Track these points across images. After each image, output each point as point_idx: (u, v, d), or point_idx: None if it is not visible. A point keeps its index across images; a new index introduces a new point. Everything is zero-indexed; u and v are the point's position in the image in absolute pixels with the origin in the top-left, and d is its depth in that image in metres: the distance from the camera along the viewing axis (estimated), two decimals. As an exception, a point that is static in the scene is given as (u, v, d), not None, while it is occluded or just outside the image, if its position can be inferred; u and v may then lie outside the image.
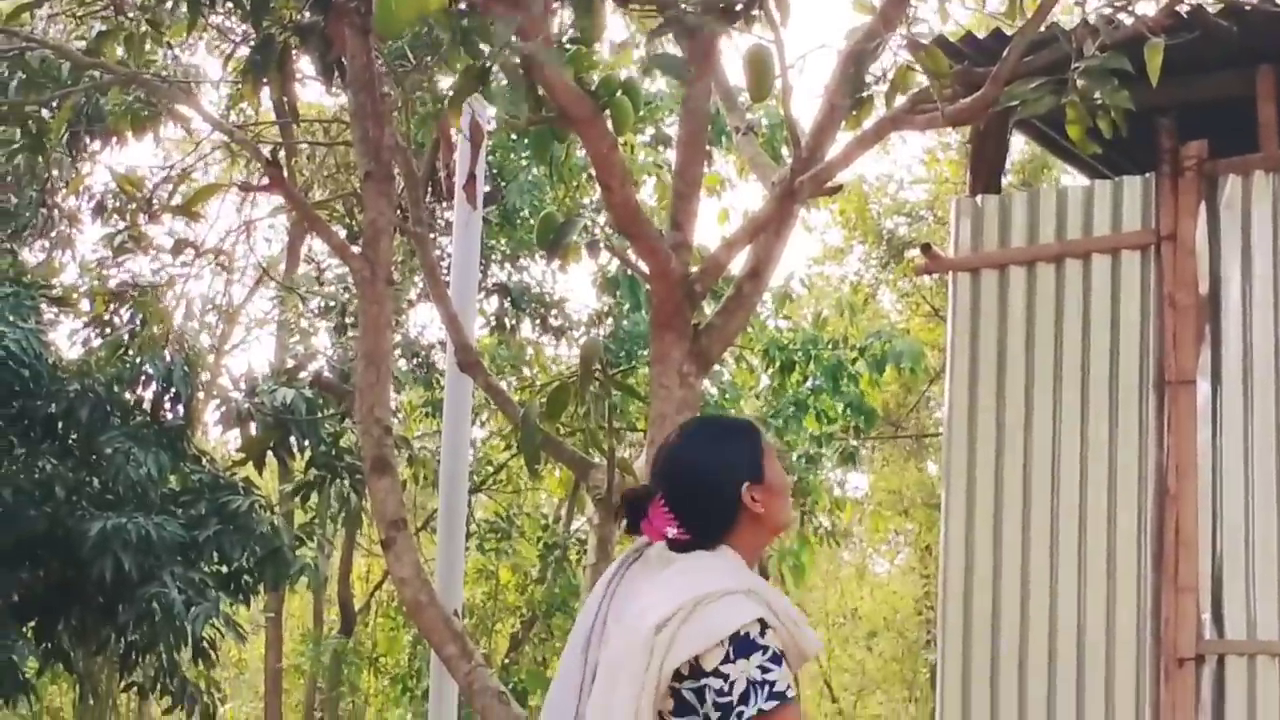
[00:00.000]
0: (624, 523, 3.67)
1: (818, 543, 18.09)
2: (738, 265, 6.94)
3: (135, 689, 14.03)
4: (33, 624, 13.05)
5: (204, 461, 13.67)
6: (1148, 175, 6.98)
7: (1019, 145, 17.72)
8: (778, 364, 16.22)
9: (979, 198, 7.29)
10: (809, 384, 16.24)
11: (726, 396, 16.54)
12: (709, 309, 7.75)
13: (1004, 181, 8.01)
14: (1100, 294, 6.85)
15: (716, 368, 14.49)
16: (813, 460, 16.58)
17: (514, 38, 5.50)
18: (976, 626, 6.60)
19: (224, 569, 13.32)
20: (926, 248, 7.58)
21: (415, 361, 16.71)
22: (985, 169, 7.68)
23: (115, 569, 11.97)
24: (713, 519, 3.55)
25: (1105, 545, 6.48)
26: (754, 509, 3.56)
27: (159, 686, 13.29)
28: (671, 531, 3.55)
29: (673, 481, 3.58)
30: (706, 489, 3.56)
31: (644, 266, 6.54)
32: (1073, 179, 11.19)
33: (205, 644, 13.17)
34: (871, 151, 7.06)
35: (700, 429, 3.83)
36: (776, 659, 3.38)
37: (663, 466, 3.64)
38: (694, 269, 6.58)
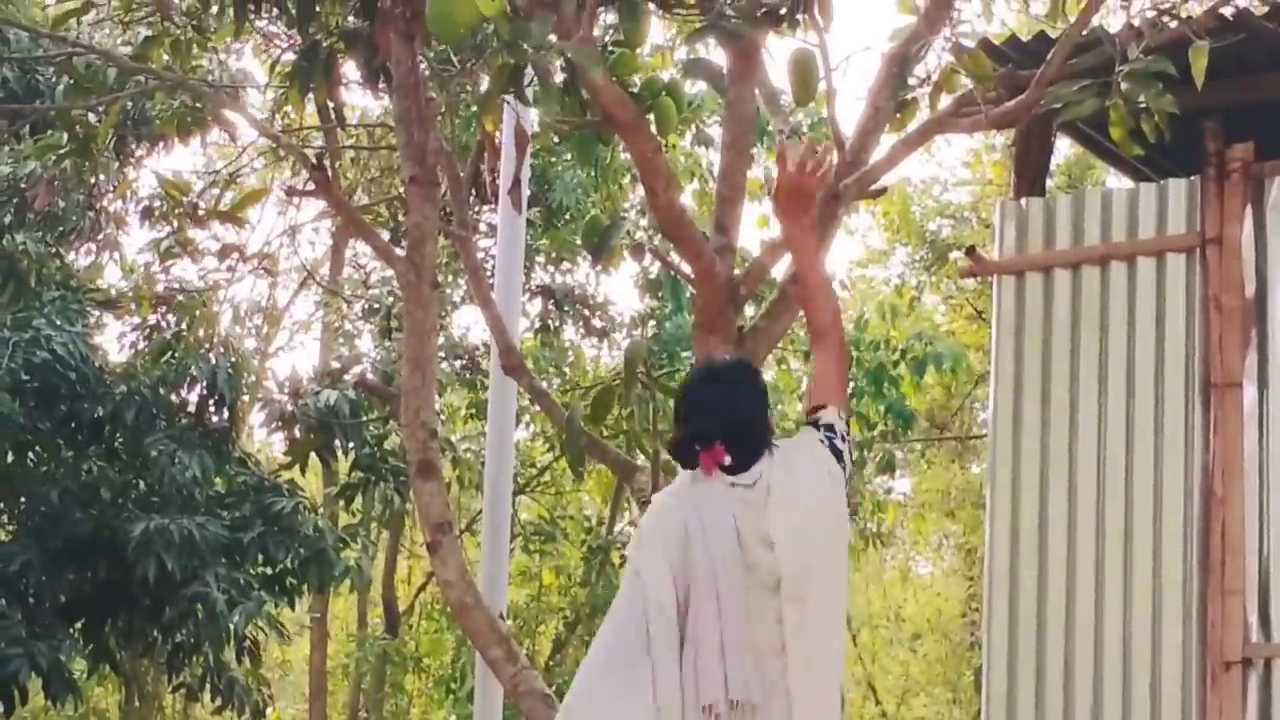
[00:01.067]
0: (680, 463, 4.55)
1: (861, 546, 18.08)
2: (781, 269, 6.94)
3: (183, 689, 14.09)
4: (80, 625, 13.14)
5: (249, 464, 13.74)
6: (1193, 178, 6.96)
7: (1063, 147, 17.67)
8: (819, 367, 16.19)
9: (1023, 200, 7.28)
10: (850, 387, 16.21)
11: (771, 398, 16.52)
12: (752, 312, 7.75)
13: (1048, 184, 7.99)
14: (1145, 297, 6.83)
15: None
16: (856, 465, 16.54)
17: (553, 37, 5.51)
18: (1022, 629, 6.59)
19: (269, 570, 13.39)
20: (971, 250, 7.57)
21: (459, 364, 16.75)
22: (1029, 171, 7.66)
23: (159, 570, 12.04)
24: (759, 447, 4.44)
25: (1151, 548, 6.46)
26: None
27: (207, 686, 13.36)
28: (727, 460, 4.37)
29: (730, 426, 4.42)
30: (760, 428, 4.51)
31: (688, 269, 6.55)
32: (1117, 181, 11.16)
33: (250, 644, 13.23)
34: (915, 154, 7.06)
35: (732, 374, 4.73)
36: None
37: (716, 413, 4.47)
38: (738, 272, 6.58)
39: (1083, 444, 6.77)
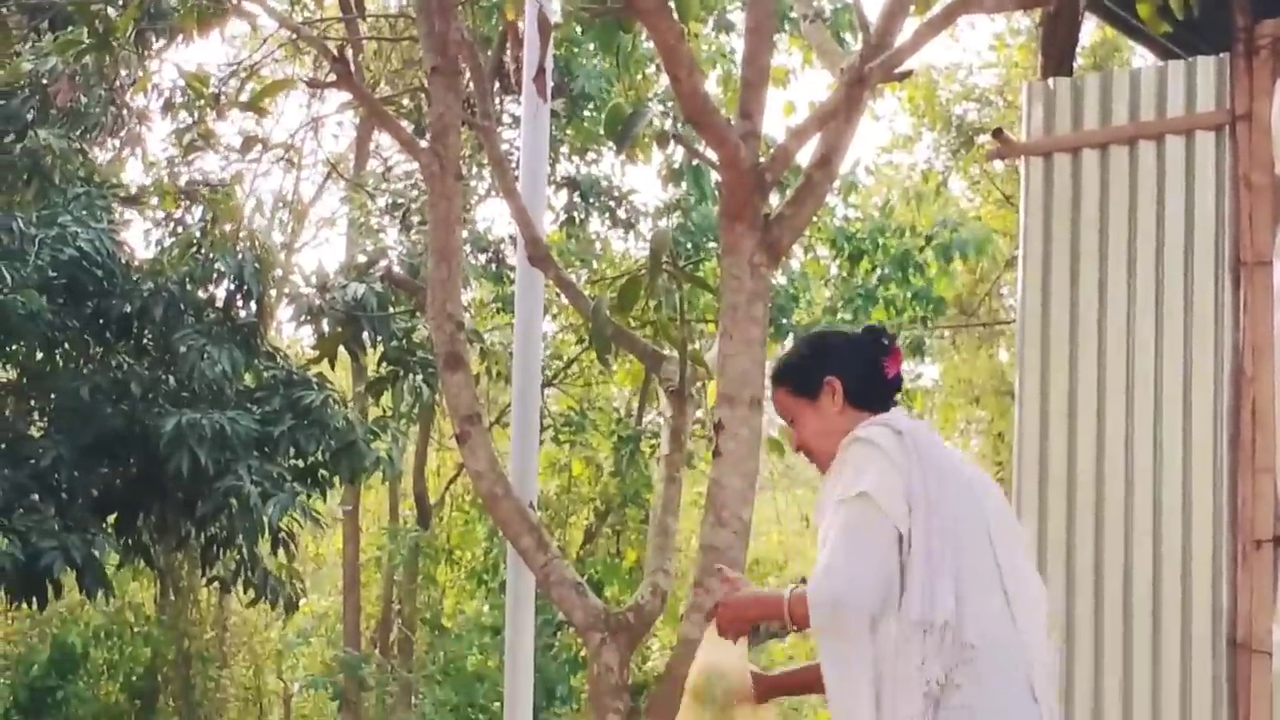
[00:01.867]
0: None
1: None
2: (806, 155, 6.90)
3: (217, 583, 14.20)
4: (113, 520, 13.22)
5: (277, 358, 13.76)
6: (1221, 55, 6.89)
7: (1090, 28, 17.51)
8: (846, 254, 16.18)
9: (1051, 81, 7.22)
10: (877, 274, 16.20)
11: (796, 286, 16.51)
12: (777, 200, 7.72)
13: (1075, 64, 7.92)
14: (1174, 175, 6.78)
15: (785, 258, 14.46)
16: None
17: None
18: (1052, 513, 6.60)
19: (300, 463, 13.44)
20: (998, 133, 7.51)
21: (485, 257, 16.73)
22: (1056, 52, 7.60)
23: (192, 464, 12.10)
24: None
25: (1181, 428, 6.45)
26: None
27: (240, 579, 13.45)
28: None
29: None
30: None
31: (713, 157, 6.51)
32: (1145, 61, 11.05)
33: (284, 535, 13.31)
34: (940, 38, 6.99)
35: None
36: None
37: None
38: (763, 159, 6.55)
39: (1112, 325, 6.75)
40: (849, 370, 4.35)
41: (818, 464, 4.35)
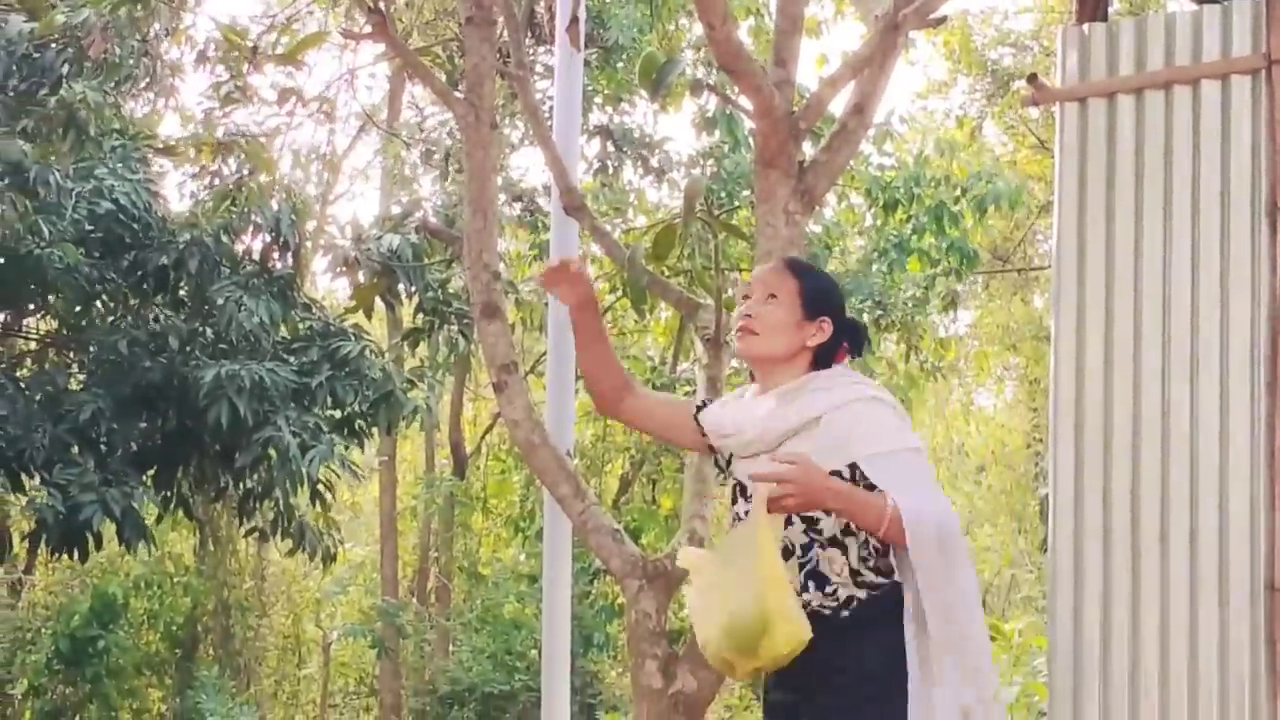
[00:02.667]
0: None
1: (924, 379, 18.11)
2: (840, 104, 6.90)
3: (255, 533, 14.30)
4: (152, 472, 13.30)
5: (314, 309, 13.80)
6: (1258, -2, 6.85)
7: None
8: (880, 202, 16.16)
9: (1086, 25, 7.18)
10: (911, 224, 16.19)
11: (830, 235, 16.51)
12: (810, 149, 7.71)
13: (1111, 9, 7.88)
14: (1210, 121, 6.75)
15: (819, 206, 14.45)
16: (919, 303, 16.55)
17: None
18: (1088, 457, 6.60)
19: (337, 413, 13.50)
20: (1033, 78, 7.48)
21: (519, 206, 16.75)
22: (1092, -4, 7.55)
23: (230, 415, 12.16)
24: None
25: (1218, 374, 6.44)
26: None
27: (279, 530, 13.53)
28: None
29: None
30: None
31: (747, 105, 6.52)
32: (1180, 4, 10.99)
33: (322, 486, 13.38)
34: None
35: None
36: None
37: None
38: (797, 107, 6.55)
39: (1148, 271, 6.73)
40: (839, 333, 4.63)
41: (745, 345, 4.59)
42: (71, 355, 14.07)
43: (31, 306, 13.91)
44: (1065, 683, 6.34)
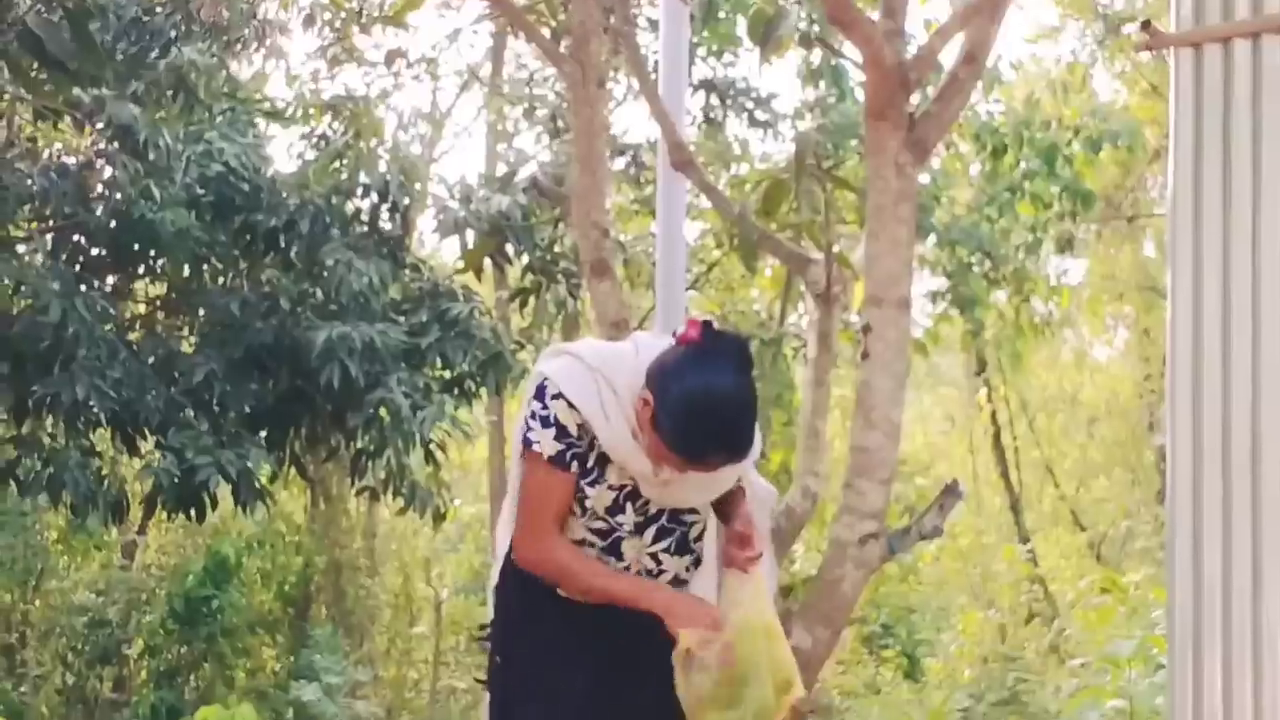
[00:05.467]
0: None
1: (1034, 331, 17.93)
2: (950, 54, 6.82)
3: (366, 492, 14.38)
4: (265, 433, 13.41)
5: (422, 270, 13.85)
6: (1381, -65, 6.69)
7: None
8: (989, 148, 15.97)
9: (1201, -31, 7.06)
10: (1022, 168, 15.99)
11: (938, 185, 16.36)
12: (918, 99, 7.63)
13: (1226, -49, 7.73)
14: (1330, 65, 6.62)
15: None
16: (1031, 248, 16.35)
17: None
18: (1207, 407, 6.50)
19: (447, 374, 13.55)
20: (1146, 24, 7.36)
21: (624, 160, 16.71)
22: (1207, -61, 7.41)
23: (342, 376, 12.23)
24: None
25: (1340, 319, 6.32)
26: None
27: (390, 489, 13.60)
28: None
29: None
30: None
31: (856, 56, 6.46)
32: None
33: (434, 446, 13.43)
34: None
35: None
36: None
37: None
38: (907, 57, 6.48)
39: (1266, 220, 6.61)
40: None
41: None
42: (183, 318, 14.19)
43: (141, 270, 14.03)
44: (1186, 636, 6.25)
